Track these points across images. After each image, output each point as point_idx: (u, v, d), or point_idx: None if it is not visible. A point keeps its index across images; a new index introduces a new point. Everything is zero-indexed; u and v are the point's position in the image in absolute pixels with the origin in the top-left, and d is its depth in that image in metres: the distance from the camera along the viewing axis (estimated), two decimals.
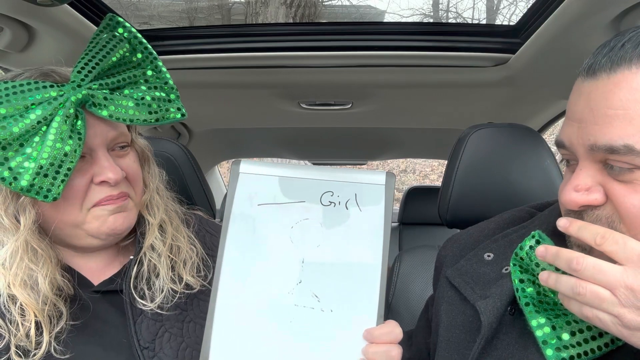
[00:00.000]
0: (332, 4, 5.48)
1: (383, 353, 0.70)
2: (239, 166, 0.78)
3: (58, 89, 0.75)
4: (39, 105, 0.73)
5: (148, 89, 0.84)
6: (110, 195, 0.81)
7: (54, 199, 0.73)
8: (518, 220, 0.87)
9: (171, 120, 0.86)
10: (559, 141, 0.65)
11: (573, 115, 0.62)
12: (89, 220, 0.81)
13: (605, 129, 0.57)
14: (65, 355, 0.77)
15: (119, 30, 0.84)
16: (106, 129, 0.81)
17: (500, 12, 6.57)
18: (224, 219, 0.76)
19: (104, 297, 0.85)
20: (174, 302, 0.86)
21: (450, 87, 1.67)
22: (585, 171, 0.61)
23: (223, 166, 3.86)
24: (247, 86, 1.70)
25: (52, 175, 0.72)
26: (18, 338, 0.74)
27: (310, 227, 0.75)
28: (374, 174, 0.77)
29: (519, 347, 0.69)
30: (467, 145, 1.18)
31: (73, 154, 0.74)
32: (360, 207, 0.75)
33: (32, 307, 0.75)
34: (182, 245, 0.92)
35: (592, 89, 0.59)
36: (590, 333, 0.62)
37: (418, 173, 8.89)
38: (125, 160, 0.85)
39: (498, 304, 0.72)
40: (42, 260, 0.78)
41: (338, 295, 0.73)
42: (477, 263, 0.82)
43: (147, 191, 0.90)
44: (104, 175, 0.79)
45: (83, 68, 0.78)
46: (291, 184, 0.77)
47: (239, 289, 0.74)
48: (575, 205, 0.61)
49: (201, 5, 5.25)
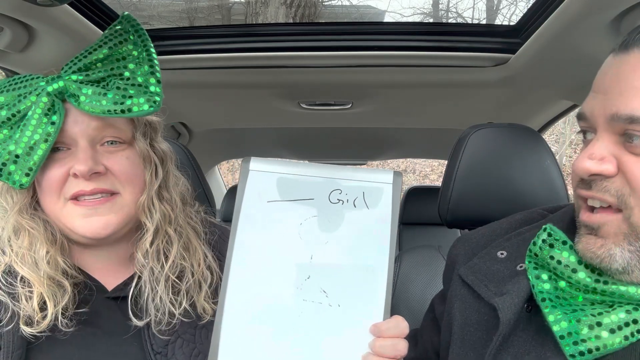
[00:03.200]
0: (332, 4, 5.48)
1: (390, 346, 0.71)
2: (249, 164, 0.79)
3: (41, 79, 0.78)
4: (21, 97, 0.78)
5: (128, 79, 0.81)
6: (83, 190, 0.78)
7: (20, 185, 0.77)
8: (530, 221, 0.88)
9: (140, 113, 0.79)
10: (580, 113, 0.66)
11: (599, 88, 0.64)
12: (65, 214, 0.80)
13: (629, 99, 0.59)
14: (69, 329, 0.78)
15: (122, 25, 0.83)
16: (88, 120, 0.80)
17: (500, 12, 6.57)
18: (233, 215, 0.77)
19: (115, 302, 0.86)
20: (171, 326, 0.84)
21: (450, 87, 1.67)
22: (602, 142, 0.62)
23: (223, 166, 3.86)
24: (247, 86, 1.70)
25: (22, 162, 0.76)
26: (24, 308, 0.77)
27: (319, 224, 0.77)
28: (382, 172, 0.79)
29: (536, 343, 0.69)
30: (467, 145, 1.18)
31: (43, 143, 0.76)
32: (368, 205, 0.77)
33: (34, 281, 0.78)
34: (193, 268, 0.88)
35: (623, 62, 0.61)
36: (609, 326, 0.62)
37: (418, 173, 8.89)
38: (114, 156, 0.82)
39: (515, 300, 0.72)
40: (37, 241, 0.80)
41: (345, 290, 0.75)
42: (490, 261, 0.82)
43: (145, 193, 0.85)
44: (74, 167, 0.78)
45: (71, 62, 0.80)
46: (300, 181, 0.78)
47: (248, 284, 0.75)
48: (586, 173, 0.62)
49: (201, 5, 5.25)
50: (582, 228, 0.66)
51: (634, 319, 0.62)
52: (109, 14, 1.27)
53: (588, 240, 0.64)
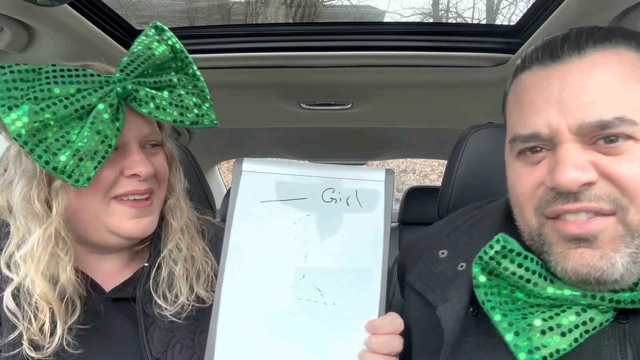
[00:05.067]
0: (332, 4, 5.48)
1: (385, 343, 0.71)
2: (241, 164, 0.80)
3: (104, 78, 0.76)
4: (85, 91, 0.74)
5: (186, 94, 0.85)
6: (137, 190, 0.81)
7: (83, 184, 0.74)
8: (464, 214, 0.89)
9: (205, 126, 0.86)
10: (531, 134, 0.62)
11: (546, 102, 0.61)
12: (109, 212, 0.80)
13: (594, 106, 0.58)
14: (77, 350, 0.76)
15: (165, 35, 0.85)
16: (141, 125, 0.82)
17: (500, 12, 6.57)
18: (227, 216, 0.78)
19: (114, 303, 0.85)
20: (185, 314, 0.85)
21: (450, 87, 1.67)
22: (574, 151, 0.60)
23: (223, 166, 3.86)
24: (247, 86, 1.70)
25: (86, 160, 0.73)
26: (31, 332, 0.74)
27: (313, 223, 0.77)
28: (374, 171, 0.79)
29: (487, 347, 0.69)
30: (467, 145, 1.18)
31: (109, 144, 0.75)
32: (361, 203, 0.77)
33: (49, 297, 0.75)
34: (197, 257, 0.91)
35: (572, 69, 0.61)
36: (560, 330, 0.62)
37: (418, 173, 8.89)
38: (155, 159, 0.86)
39: (457, 307, 0.72)
40: (67, 249, 0.78)
41: (340, 288, 0.75)
42: (433, 263, 0.82)
43: (173, 194, 0.90)
44: (136, 169, 0.79)
45: (126, 66, 0.79)
46: (293, 181, 0.79)
47: (243, 284, 0.75)
48: (576, 184, 0.58)
49: (201, 5, 5.25)
50: (561, 244, 0.62)
51: (583, 321, 0.62)
52: (108, 14, 1.27)
53: (583, 255, 0.60)
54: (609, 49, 0.61)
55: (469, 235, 0.82)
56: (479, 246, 0.66)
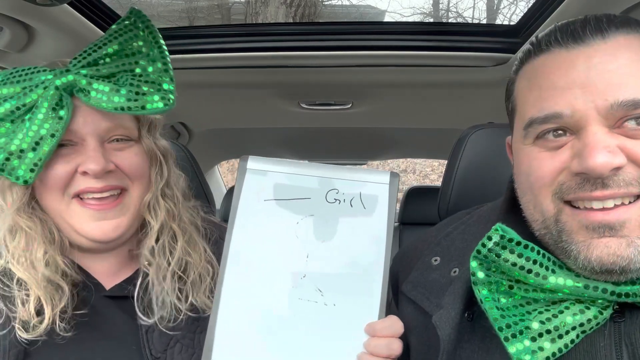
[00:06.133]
0: (332, 4, 5.47)
1: (384, 346, 0.71)
2: (246, 162, 0.79)
3: (48, 72, 0.75)
4: (28, 88, 0.75)
5: (140, 76, 0.80)
6: (91, 187, 0.78)
7: (24, 181, 0.74)
8: (455, 220, 0.88)
9: (154, 110, 0.79)
10: (553, 113, 0.60)
11: (570, 84, 0.60)
12: (71, 214, 0.79)
13: (626, 86, 0.57)
14: (67, 333, 0.76)
15: (130, 20, 0.82)
16: (99, 119, 0.79)
17: (501, 12, 6.57)
18: (230, 214, 0.77)
19: (114, 301, 0.84)
20: (178, 321, 0.83)
21: (450, 87, 1.67)
22: (602, 134, 0.58)
23: (223, 166, 3.86)
24: (247, 86, 1.70)
25: (26, 157, 0.73)
26: (21, 313, 0.74)
27: (316, 224, 0.77)
28: (379, 173, 0.79)
29: (482, 352, 0.68)
30: (467, 145, 1.18)
31: (50, 138, 0.73)
32: (365, 205, 0.77)
33: (31, 282, 0.75)
34: (196, 262, 0.87)
35: (598, 51, 0.59)
36: (560, 331, 0.61)
37: (418, 173, 8.89)
38: (122, 154, 0.82)
39: (452, 313, 0.71)
40: (34, 241, 0.77)
41: (341, 290, 0.75)
42: (426, 270, 0.82)
43: (151, 191, 0.86)
44: (85, 165, 0.76)
45: (80, 55, 0.78)
46: (297, 180, 0.78)
47: (243, 282, 0.75)
48: (608, 169, 0.56)
49: (201, 5, 5.25)
50: (582, 232, 0.60)
51: (581, 322, 0.61)
52: (108, 13, 1.27)
53: (608, 244, 0.57)
54: (631, 33, 0.61)
55: (461, 240, 0.82)
56: (471, 250, 0.64)
